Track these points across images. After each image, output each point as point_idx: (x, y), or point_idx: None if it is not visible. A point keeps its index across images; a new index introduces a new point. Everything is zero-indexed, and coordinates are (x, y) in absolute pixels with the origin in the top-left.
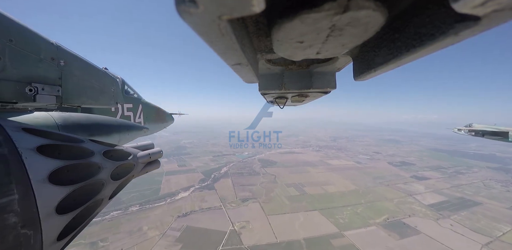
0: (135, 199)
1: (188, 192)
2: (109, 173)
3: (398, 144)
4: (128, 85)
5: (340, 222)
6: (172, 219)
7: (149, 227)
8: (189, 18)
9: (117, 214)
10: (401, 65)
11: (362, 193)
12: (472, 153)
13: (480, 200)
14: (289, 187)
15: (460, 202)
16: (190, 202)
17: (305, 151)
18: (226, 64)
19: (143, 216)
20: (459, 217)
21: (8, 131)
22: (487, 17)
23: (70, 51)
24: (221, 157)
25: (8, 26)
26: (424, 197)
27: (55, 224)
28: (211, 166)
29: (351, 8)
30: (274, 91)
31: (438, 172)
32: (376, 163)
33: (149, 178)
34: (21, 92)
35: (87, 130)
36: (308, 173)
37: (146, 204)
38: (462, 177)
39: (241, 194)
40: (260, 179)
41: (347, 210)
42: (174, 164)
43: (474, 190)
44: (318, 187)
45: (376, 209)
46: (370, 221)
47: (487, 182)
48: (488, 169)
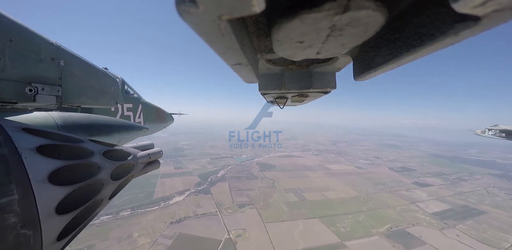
0: (128, 202)
1: (183, 196)
2: (109, 173)
3: (398, 149)
4: (128, 85)
5: (341, 231)
6: (165, 225)
7: (139, 233)
8: (189, 18)
9: (107, 219)
10: (401, 65)
11: (364, 200)
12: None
13: (485, 208)
14: (288, 193)
15: (465, 210)
16: (184, 207)
17: (304, 155)
18: (226, 64)
19: (135, 221)
20: (464, 227)
21: (8, 131)
22: (487, 17)
23: (70, 51)
24: (218, 159)
25: (8, 26)
26: (427, 204)
27: (55, 224)
28: (208, 169)
29: (351, 8)
30: (274, 91)
31: (440, 178)
32: (376, 168)
33: (144, 181)
34: (21, 92)
35: (87, 130)
36: (308, 178)
37: (138, 208)
38: (465, 184)
39: (238, 199)
40: (258, 183)
41: (348, 218)
42: (170, 166)
43: (478, 198)
44: (318, 193)
45: (378, 217)
46: (372, 231)
47: (491, 190)
48: (490, 176)
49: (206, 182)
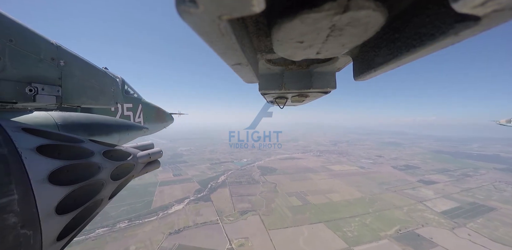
0: (125, 213)
1: (182, 204)
2: (109, 173)
3: (399, 147)
4: (128, 85)
5: (348, 236)
6: (163, 236)
7: (136, 246)
8: (189, 18)
9: (103, 232)
10: (401, 65)
11: (369, 201)
12: (476, 154)
13: (494, 205)
14: (290, 197)
15: (474, 208)
16: (184, 216)
17: (305, 157)
18: (226, 64)
19: (131, 233)
20: (475, 225)
21: (8, 131)
22: (487, 17)
23: (70, 51)
24: (218, 164)
25: (8, 26)
26: (434, 203)
27: (55, 224)
28: (208, 174)
29: (351, 8)
30: (274, 91)
31: (445, 175)
32: (379, 168)
33: (142, 189)
34: (21, 92)
35: (87, 130)
36: (310, 180)
37: (136, 219)
38: (471, 180)
39: (239, 205)
40: (259, 188)
41: (354, 222)
42: (169, 174)
43: (486, 194)
44: (322, 195)
45: (386, 219)
46: (381, 234)
47: (497, 185)
48: (495, 170)
49: (206, 188)
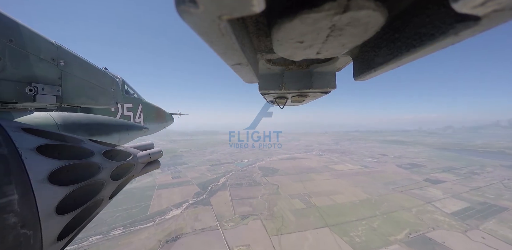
0: (120, 219)
1: (180, 209)
2: (109, 173)
3: (402, 144)
4: (128, 85)
5: (356, 242)
6: (159, 244)
7: None
8: (189, 18)
9: (96, 240)
10: (401, 65)
11: (376, 203)
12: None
13: (505, 204)
14: (293, 199)
15: (485, 208)
16: (182, 221)
17: (307, 156)
18: (226, 64)
19: (126, 241)
20: (489, 227)
21: (8, 131)
22: (487, 17)
23: (70, 51)
24: (219, 166)
25: (8, 26)
26: (444, 204)
27: (55, 224)
28: (207, 176)
29: (351, 8)
30: (274, 91)
31: (452, 173)
32: (384, 167)
33: (140, 193)
34: (21, 92)
35: (87, 130)
36: (313, 181)
37: (132, 225)
38: (478, 178)
39: (240, 209)
40: (261, 190)
41: (362, 225)
42: (168, 176)
43: (496, 193)
44: (326, 197)
45: (394, 222)
46: (390, 238)
47: (507, 183)
48: (502, 167)
49: (206, 191)
